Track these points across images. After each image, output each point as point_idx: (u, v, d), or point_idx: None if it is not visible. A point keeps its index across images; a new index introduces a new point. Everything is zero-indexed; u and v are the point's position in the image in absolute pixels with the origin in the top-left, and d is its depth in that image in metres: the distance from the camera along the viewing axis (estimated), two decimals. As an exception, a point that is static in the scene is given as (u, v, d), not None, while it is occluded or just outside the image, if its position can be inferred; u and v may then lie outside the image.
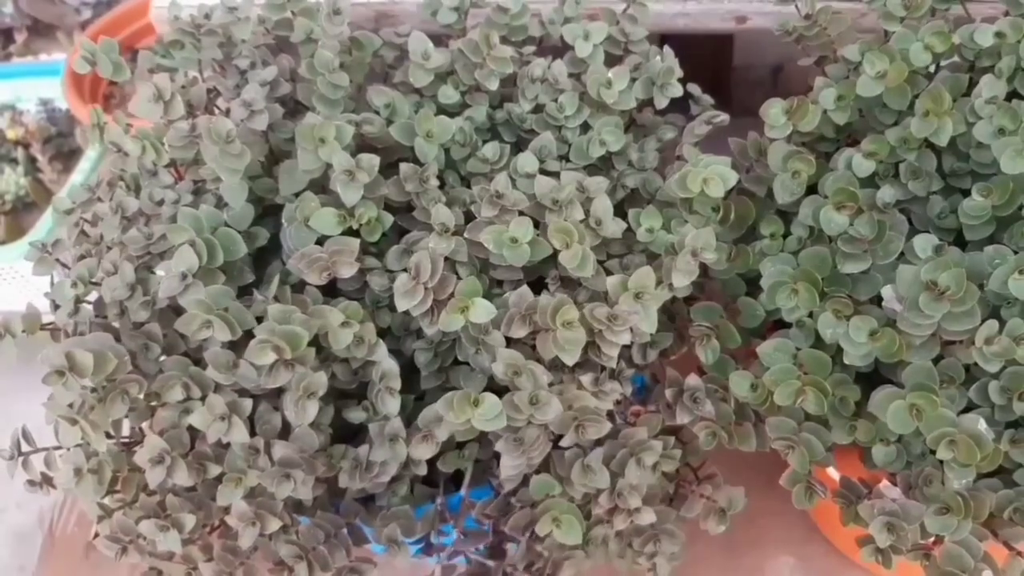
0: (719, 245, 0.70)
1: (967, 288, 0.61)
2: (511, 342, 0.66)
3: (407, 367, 0.70)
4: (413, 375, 0.72)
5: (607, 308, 0.65)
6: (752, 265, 0.73)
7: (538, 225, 0.69)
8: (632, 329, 0.66)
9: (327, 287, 0.69)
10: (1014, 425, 0.64)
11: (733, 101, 1.03)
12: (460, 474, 0.73)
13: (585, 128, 0.80)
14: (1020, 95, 0.71)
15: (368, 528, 0.71)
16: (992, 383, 0.63)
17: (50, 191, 1.30)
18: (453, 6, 0.87)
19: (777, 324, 0.72)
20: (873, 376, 0.68)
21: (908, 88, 0.73)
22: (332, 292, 0.70)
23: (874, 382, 0.66)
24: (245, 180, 0.72)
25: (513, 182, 0.73)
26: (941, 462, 0.62)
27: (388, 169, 0.72)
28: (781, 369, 0.67)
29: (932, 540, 0.64)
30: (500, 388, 0.64)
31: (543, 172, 0.74)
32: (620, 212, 0.73)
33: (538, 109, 0.80)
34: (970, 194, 0.68)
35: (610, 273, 0.70)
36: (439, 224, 0.69)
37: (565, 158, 0.79)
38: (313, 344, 0.64)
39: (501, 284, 0.72)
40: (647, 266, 0.67)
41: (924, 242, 0.67)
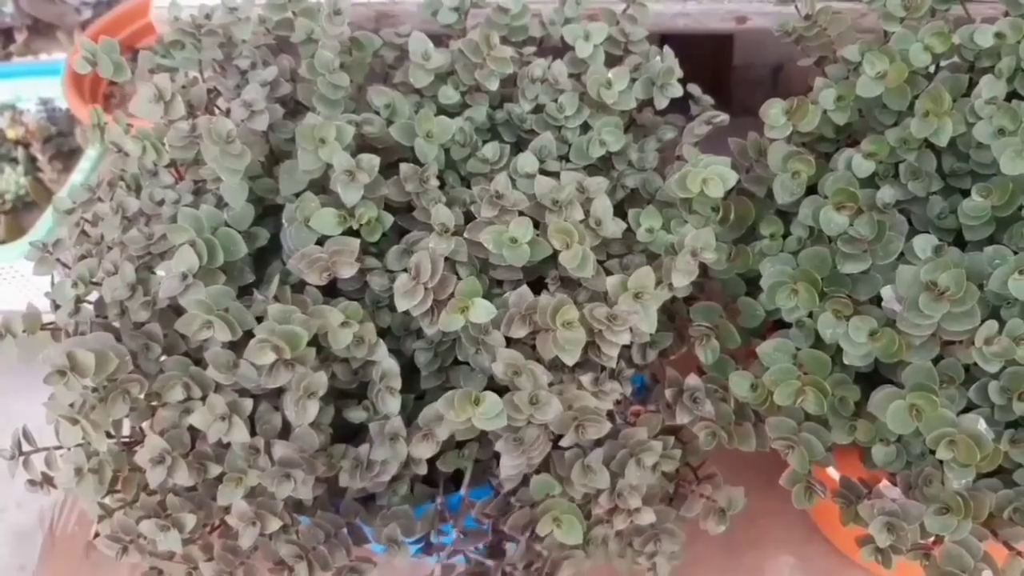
0: (719, 245, 0.70)
1: (967, 288, 0.61)
2: (511, 342, 0.66)
3: (407, 367, 0.70)
4: (413, 375, 0.72)
5: (607, 308, 0.65)
6: (752, 265, 0.73)
7: (538, 225, 0.69)
8: (632, 329, 0.66)
9: (327, 287, 0.69)
10: (1014, 425, 0.64)
11: (733, 100, 1.03)
12: (460, 474, 0.73)
13: (585, 128, 0.80)
14: (1020, 95, 0.71)
15: (368, 528, 0.71)
16: (992, 383, 0.63)
17: (50, 190, 1.30)
18: (453, 6, 0.87)
19: (777, 324, 0.72)
20: (873, 376, 0.68)
21: (908, 88, 0.73)
22: (332, 292, 0.70)
23: (874, 382, 0.66)
24: (245, 180, 0.72)
25: (513, 182, 0.73)
26: (941, 462, 0.62)
27: (388, 169, 0.72)
28: (781, 369, 0.67)
29: (932, 540, 0.64)
30: (500, 388, 0.64)
31: (543, 172, 0.75)
32: (620, 212, 0.73)
33: (538, 109, 0.80)
34: (970, 194, 0.68)
35: (610, 273, 0.70)
36: (439, 224, 0.69)
37: (565, 158, 0.79)
38: (313, 344, 0.64)
39: (501, 284, 0.72)
40: (647, 266, 0.67)
41: (924, 242, 0.67)
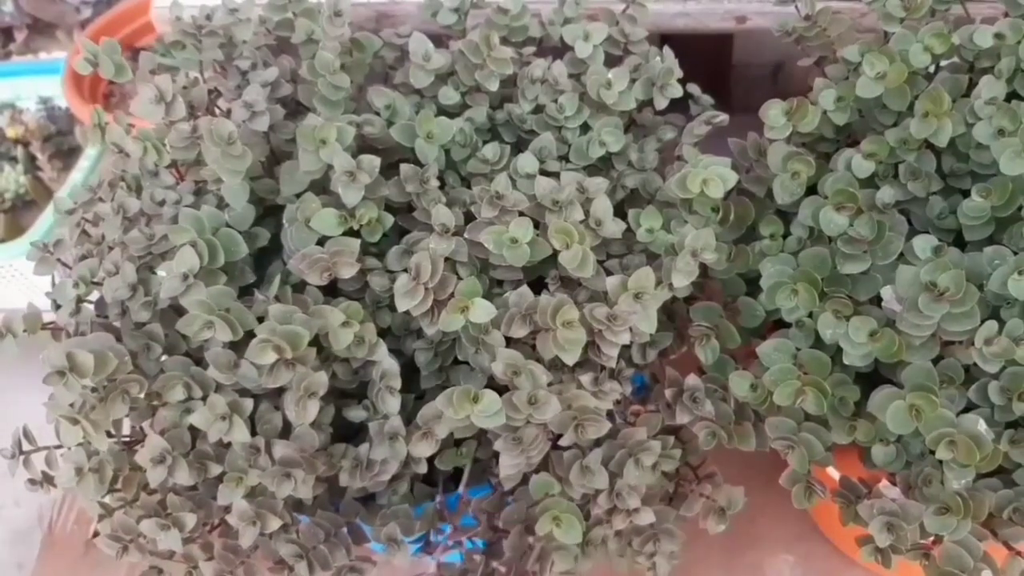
0: (719, 245, 0.70)
1: (966, 289, 0.61)
2: (511, 342, 0.66)
3: (407, 367, 0.71)
4: (413, 375, 0.72)
5: (607, 308, 0.65)
6: (752, 265, 0.73)
7: (538, 225, 0.69)
8: (632, 329, 0.66)
9: (328, 287, 0.69)
10: (1013, 425, 0.64)
11: (733, 100, 1.03)
12: (460, 473, 0.73)
13: (585, 129, 0.80)
14: (1020, 96, 0.71)
15: (368, 527, 0.71)
16: (992, 383, 0.64)
17: (50, 189, 1.30)
18: (453, 7, 0.87)
19: (777, 324, 0.72)
20: (873, 376, 0.68)
21: (908, 89, 0.73)
22: (333, 292, 0.70)
23: (874, 382, 0.66)
24: (246, 181, 0.72)
25: (513, 183, 0.73)
26: (941, 462, 0.62)
27: (389, 170, 0.72)
28: (781, 369, 0.67)
29: (931, 540, 0.64)
30: (500, 388, 0.64)
31: (543, 173, 0.75)
32: (620, 212, 0.73)
33: (538, 110, 0.80)
34: (970, 195, 0.68)
35: (610, 273, 0.70)
36: (439, 224, 0.69)
37: (565, 159, 0.79)
38: (314, 344, 0.64)
39: (501, 284, 0.72)
40: (647, 266, 0.67)
41: (924, 243, 0.67)
